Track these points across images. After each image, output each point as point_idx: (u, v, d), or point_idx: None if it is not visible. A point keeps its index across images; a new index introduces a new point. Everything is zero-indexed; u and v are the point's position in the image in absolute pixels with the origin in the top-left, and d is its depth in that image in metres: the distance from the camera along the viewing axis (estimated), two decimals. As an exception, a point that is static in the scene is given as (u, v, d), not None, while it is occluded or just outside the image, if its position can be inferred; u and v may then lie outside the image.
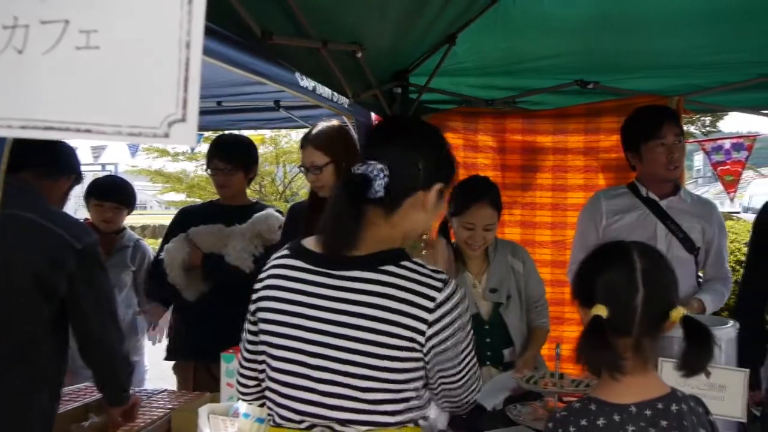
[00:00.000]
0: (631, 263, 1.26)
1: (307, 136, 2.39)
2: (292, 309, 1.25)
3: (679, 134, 2.49)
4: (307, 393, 1.22)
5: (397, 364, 1.18)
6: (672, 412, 1.23)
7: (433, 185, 1.29)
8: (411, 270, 1.22)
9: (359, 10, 2.44)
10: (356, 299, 1.20)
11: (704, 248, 2.54)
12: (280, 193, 16.64)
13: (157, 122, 0.63)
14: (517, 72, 3.47)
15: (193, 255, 2.70)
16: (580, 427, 1.22)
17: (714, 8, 2.78)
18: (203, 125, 4.55)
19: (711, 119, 15.66)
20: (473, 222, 2.36)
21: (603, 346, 1.20)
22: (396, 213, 1.26)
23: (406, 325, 1.18)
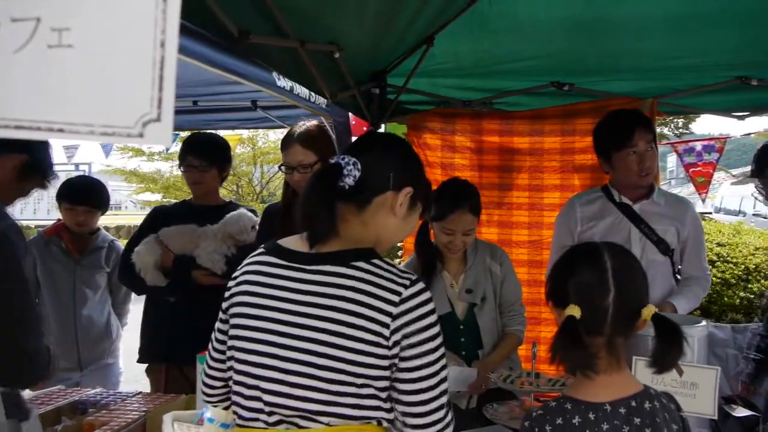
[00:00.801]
0: (602, 264, 1.29)
1: (292, 134, 2.34)
2: (264, 303, 1.28)
3: (651, 140, 2.49)
4: (276, 384, 1.23)
5: (363, 357, 1.19)
6: (645, 410, 1.26)
7: (404, 187, 1.32)
8: (381, 267, 1.25)
9: (337, 10, 2.44)
10: (326, 292, 1.23)
11: (680, 248, 2.57)
12: (257, 194, 16.55)
13: (131, 122, 0.62)
14: (493, 73, 3.49)
15: (163, 256, 2.66)
16: (556, 426, 1.23)
17: (686, 12, 2.83)
18: (179, 125, 4.50)
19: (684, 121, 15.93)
20: (453, 228, 2.38)
21: (577, 345, 1.22)
22: (366, 210, 1.30)
23: (372, 318, 1.20)
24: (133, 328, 3.37)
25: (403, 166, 1.34)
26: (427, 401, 1.21)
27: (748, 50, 3.09)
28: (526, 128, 3.72)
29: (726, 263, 4.89)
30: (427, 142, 3.80)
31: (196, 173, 2.76)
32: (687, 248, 2.58)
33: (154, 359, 2.79)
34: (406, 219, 1.36)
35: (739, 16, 2.83)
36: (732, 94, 3.49)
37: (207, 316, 2.24)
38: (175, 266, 2.65)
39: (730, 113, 3.77)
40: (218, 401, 1.46)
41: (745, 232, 5.78)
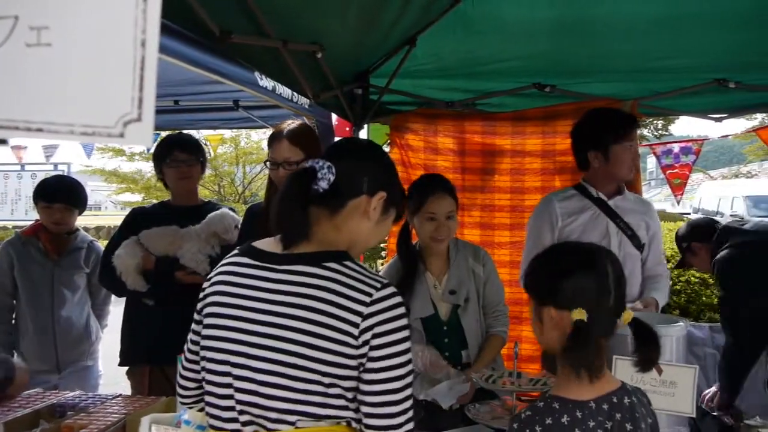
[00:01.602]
0: (605, 268, 1.33)
1: (281, 131, 2.33)
2: (236, 302, 1.29)
3: (633, 139, 2.61)
4: (245, 383, 1.24)
5: (331, 356, 1.20)
6: (625, 405, 1.30)
7: (378, 192, 1.33)
8: (352, 269, 1.26)
9: (319, 10, 2.44)
10: (297, 291, 1.24)
11: (647, 243, 2.64)
12: (240, 194, 16.47)
13: (111, 122, 0.61)
14: (476, 74, 3.51)
15: (144, 259, 2.63)
16: (546, 426, 1.25)
17: (666, 15, 2.87)
18: (160, 124, 4.47)
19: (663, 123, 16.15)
20: (435, 211, 2.37)
21: (588, 347, 1.26)
22: (340, 214, 1.31)
23: (342, 318, 1.20)
24: (114, 330, 3.33)
25: (377, 172, 1.36)
26: (391, 403, 1.21)
27: (725, 53, 3.15)
28: (508, 130, 3.75)
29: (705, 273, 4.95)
30: (409, 143, 3.80)
31: (184, 167, 2.74)
32: (652, 246, 2.67)
33: (136, 361, 2.75)
34: (380, 224, 1.37)
35: (717, 20, 2.87)
36: (710, 96, 3.54)
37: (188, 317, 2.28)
38: (157, 268, 2.63)
39: (707, 115, 3.82)
40: (193, 402, 1.47)
41: (722, 233, 5.85)
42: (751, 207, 13.90)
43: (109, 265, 2.64)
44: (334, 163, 1.29)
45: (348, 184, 1.30)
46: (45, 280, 3.01)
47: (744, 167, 24.52)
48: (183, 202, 2.83)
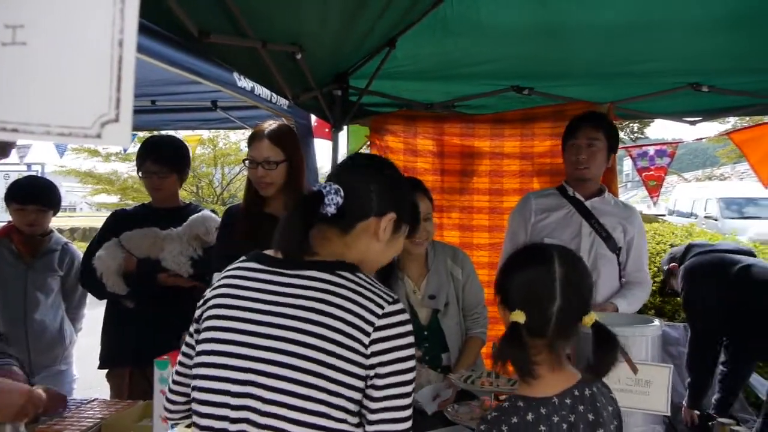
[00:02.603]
0: (551, 272, 1.32)
1: (262, 130, 2.31)
2: (243, 304, 1.26)
3: (594, 138, 2.61)
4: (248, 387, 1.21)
5: (339, 362, 1.17)
6: (587, 396, 1.33)
7: (387, 213, 1.31)
8: (365, 281, 1.25)
9: (298, 11, 2.43)
10: (309, 295, 1.22)
11: (625, 248, 2.66)
12: (218, 196, 16.35)
13: (88, 122, 0.61)
14: (455, 76, 3.53)
15: (126, 261, 2.62)
16: (512, 425, 1.27)
17: (641, 20, 2.91)
18: (137, 125, 4.42)
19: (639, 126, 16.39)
20: None
21: (519, 348, 1.28)
22: (350, 234, 1.30)
23: (354, 324, 1.19)
24: (88, 334, 3.29)
25: (386, 192, 1.32)
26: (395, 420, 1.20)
27: (699, 58, 3.20)
28: (487, 132, 3.77)
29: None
30: (389, 145, 3.81)
31: (156, 179, 2.72)
32: (631, 253, 2.68)
33: (117, 363, 2.73)
34: (390, 243, 1.35)
35: (690, 26, 2.93)
36: (684, 100, 3.60)
37: (171, 319, 2.26)
38: (139, 270, 2.62)
39: (682, 118, 3.89)
40: (180, 418, 1.42)
41: (696, 234, 5.95)
42: (723, 209, 14.16)
43: (90, 267, 2.62)
44: (342, 184, 1.28)
45: (356, 207, 1.29)
46: (18, 282, 2.95)
47: (717, 170, 25.00)
48: (163, 204, 2.82)
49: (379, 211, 1.30)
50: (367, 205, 1.30)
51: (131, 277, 2.62)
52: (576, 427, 1.29)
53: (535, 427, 1.27)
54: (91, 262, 2.62)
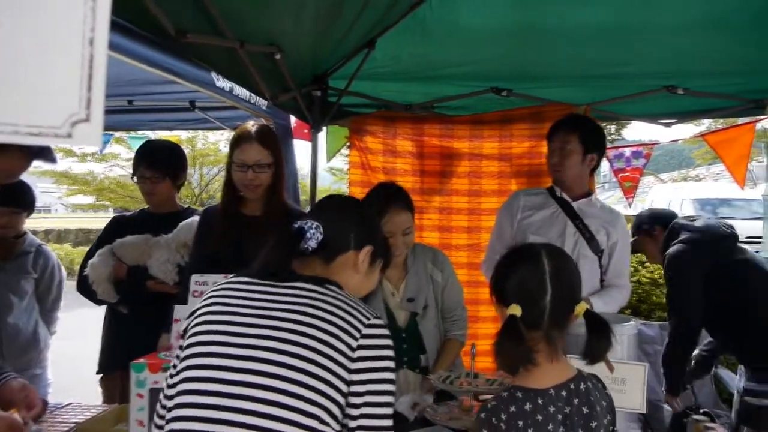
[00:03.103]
0: (541, 266, 1.41)
1: (248, 132, 2.31)
2: (232, 310, 1.30)
3: (566, 141, 2.68)
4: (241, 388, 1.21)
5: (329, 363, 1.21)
6: (582, 391, 1.40)
7: (364, 247, 1.42)
8: (350, 297, 1.34)
9: (277, 11, 2.42)
10: (301, 302, 1.28)
11: (608, 252, 2.69)
12: (196, 197, 16.20)
13: (59, 122, 0.60)
14: (434, 78, 3.54)
15: (117, 268, 2.65)
16: (510, 414, 1.33)
17: (617, 22, 2.94)
18: (113, 125, 4.37)
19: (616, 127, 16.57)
20: (391, 229, 2.32)
21: (518, 341, 1.34)
22: (331, 266, 1.39)
23: (343, 328, 1.25)
24: (62, 337, 3.24)
25: (362, 227, 1.44)
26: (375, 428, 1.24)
27: (674, 61, 3.25)
28: (466, 133, 3.79)
29: (654, 263, 5.09)
30: (369, 146, 3.81)
31: (149, 184, 2.75)
32: (613, 258, 2.72)
33: (111, 368, 2.77)
34: (368, 275, 1.46)
35: (665, 29, 2.97)
36: (660, 102, 3.65)
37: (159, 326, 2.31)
38: (129, 278, 2.64)
39: (657, 120, 3.94)
40: None
41: (672, 234, 6.02)
42: (698, 209, 14.37)
43: (84, 275, 2.66)
44: (322, 221, 1.37)
45: (336, 241, 1.38)
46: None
47: (692, 171, 25.37)
48: (160, 210, 2.84)
49: (357, 244, 1.41)
50: (346, 239, 1.40)
51: (122, 284, 2.65)
52: (570, 419, 1.36)
53: (533, 416, 1.33)
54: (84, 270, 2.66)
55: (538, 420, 1.33)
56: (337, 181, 15.91)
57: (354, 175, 3.83)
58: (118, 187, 14.39)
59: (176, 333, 2.10)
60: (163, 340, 2.20)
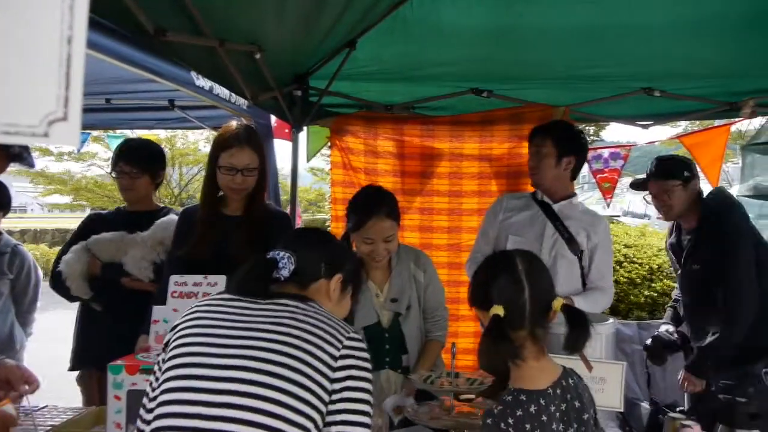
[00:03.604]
0: (515, 266, 1.47)
1: (238, 135, 2.30)
2: (215, 323, 1.32)
3: (540, 145, 2.76)
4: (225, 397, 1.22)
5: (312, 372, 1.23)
6: (571, 386, 1.47)
7: (334, 275, 1.48)
8: (330, 314, 1.38)
9: (257, 10, 2.41)
10: (283, 315, 1.31)
11: (588, 254, 2.73)
12: (176, 197, 16.06)
13: (35, 121, 0.59)
14: (415, 78, 3.55)
15: (91, 265, 2.65)
16: (517, 417, 1.36)
17: (596, 24, 2.98)
18: (91, 123, 4.32)
19: (594, 129, 16.74)
20: (372, 237, 2.32)
21: (503, 339, 1.38)
22: (306, 293, 1.43)
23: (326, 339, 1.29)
24: (38, 339, 3.19)
25: (332, 256, 1.50)
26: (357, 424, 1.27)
27: (650, 63, 3.29)
28: (447, 133, 3.80)
29: (632, 263, 5.17)
30: (350, 146, 3.81)
31: (127, 179, 2.77)
32: (594, 260, 2.75)
33: (84, 365, 2.79)
34: (340, 302, 1.52)
35: (641, 31, 3.01)
36: (637, 104, 3.70)
37: (135, 323, 2.32)
38: (104, 274, 2.64)
39: (635, 122, 3.99)
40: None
41: (649, 234, 6.12)
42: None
43: (57, 271, 2.66)
44: (294, 253, 1.41)
45: (307, 270, 1.44)
46: (-36, 286, 2.85)
47: (669, 172, 25.70)
48: (138, 208, 2.85)
49: (327, 273, 1.47)
50: (317, 268, 1.46)
51: (96, 280, 2.65)
52: (567, 415, 1.42)
53: (538, 418, 1.37)
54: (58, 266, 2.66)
55: (543, 421, 1.37)
56: (318, 181, 15.89)
57: (336, 175, 3.84)
58: (96, 186, 14.20)
59: (155, 334, 2.08)
60: (141, 341, 2.18)
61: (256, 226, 2.34)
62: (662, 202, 2.88)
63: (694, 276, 2.81)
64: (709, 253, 2.73)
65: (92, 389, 2.72)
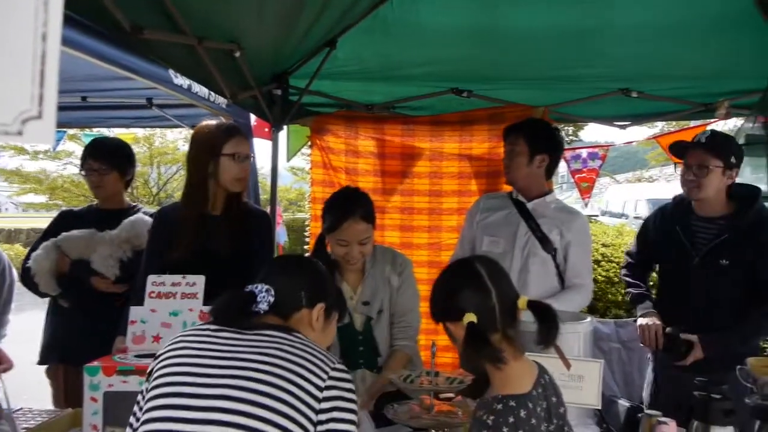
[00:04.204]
0: (477, 271, 1.49)
1: (236, 126, 2.40)
2: (198, 353, 1.30)
3: (513, 144, 2.76)
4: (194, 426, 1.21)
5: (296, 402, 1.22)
6: (548, 382, 1.50)
7: (316, 304, 1.46)
8: (315, 344, 1.36)
9: (236, 7, 2.39)
10: (267, 346, 1.30)
11: (562, 252, 2.74)
12: (154, 196, 15.89)
13: (9, 119, 0.58)
14: (395, 78, 3.55)
15: (60, 262, 2.66)
16: (511, 425, 1.36)
17: (573, 26, 3.01)
18: (66, 121, 4.26)
19: (573, 129, 16.92)
20: (347, 239, 2.30)
21: (485, 344, 1.39)
22: (287, 323, 1.42)
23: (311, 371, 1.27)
24: (13, 340, 3.13)
25: (313, 285, 1.48)
26: None
27: (627, 64, 3.33)
28: (427, 134, 3.82)
29: (610, 262, 5.22)
30: (330, 145, 3.80)
31: (96, 176, 2.76)
32: (569, 258, 2.75)
33: (51, 359, 2.80)
34: (324, 330, 1.49)
35: (619, 33, 3.05)
36: (615, 104, 3.74)
37: (102, 319, 2.37)
38: (72, 272, 2.65)
39: (612, 122, 4.04)
40: None
41: (627, 234, 6.19)
42: (651, 209, 14.74)
43: (26, 267, 2.68)
44: (273, 284, 1.40)
45: (288, 301, 1.42)
46: (-64, 287, 2.79)
47: (646, 172, 26.08)
48: (107, 205, 2.86)
49: (309, 302, 1.45)
50: (298, 297, 1.44)
51: (64, 277, 2.66)
52: (549, 412, 1.45)
53: (528, 422, 1.38)
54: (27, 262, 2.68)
55: (533, 425, 1.38)
56: (298, 181, 15.82)
57: (316, 175, 3.83)
58: (72, 185, 13.99)
59: (132, 335, 2.06)
60: (118, 342, 2.16)
61: (235, 224, 2.33)
62: (695, 177, 2.53)
63: (718, 271, 2.52)
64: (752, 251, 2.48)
65: (59, 383, 2.76)
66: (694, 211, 2.65)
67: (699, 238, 2.58)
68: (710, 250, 2.54)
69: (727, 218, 2.56)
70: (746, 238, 2.49)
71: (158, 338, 2.04)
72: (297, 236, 10.38)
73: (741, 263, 2.48)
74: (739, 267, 2.49)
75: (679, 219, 2.68)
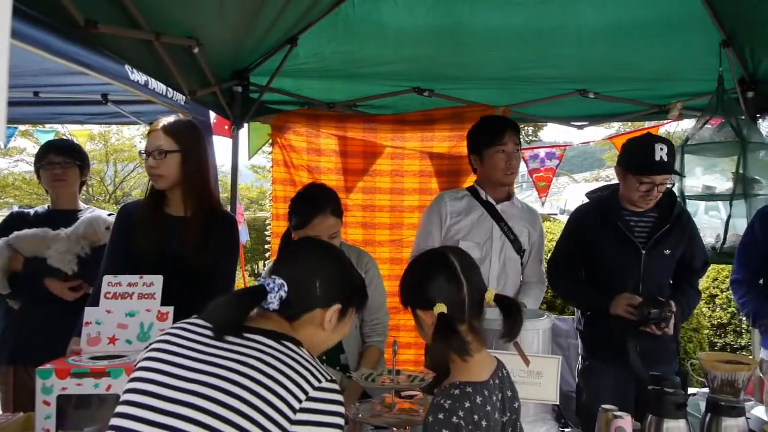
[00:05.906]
0: (452, 263, 1.50)
1: (156, 122, 2.27)
2: (180, 351, 1.22)
3: (518, 144, 2.68)
4: None
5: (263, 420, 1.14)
6: (505, 376, 1.53)
7: (332, 305, 1.33)
8: (307, 357, 1.25)
9: (195, 3, 2.36)
10: (250, 354, 1.20)
11: (529, 251, 2.78)
12: (110, 194, 15.54)
13: (-45, 115, 0.56)
14: (357, 76, 3.55)
15: (13, 260, 2.62)
16: (466, 409, 1.38)
17: (532, 27, 3.06)
18: (17, 117, 4.13)
19: (533, 129, 17.18)
20: (318, 234, 2.28)
21: (454, 334, 1.41)
22: (295, 323, 1.31)
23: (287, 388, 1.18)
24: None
25: (332, 282, 1.35)
26: None
27: (584, 66, 3.41)
28: (388, 132, 3.83)
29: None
30: (292, 144, 3.78)
31: (58, 169, 2.75)
32: (532, 255, 2.79)
33: (0, 361, 2.73)
34: (336, 330, 1.38)
35: (575, 35, 3.11)
36: (573, 105, 3.82)
37: (55, 318, 2.34)
38: (26, 270, 2.62)
39: (570, 123, 4.12)
40: None
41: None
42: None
43: None
44: (286, 276, 1.29)
45: (301, 300, 1.30)
46: None
47: (603, 171, 26.67)
48: (63, 207, 2.83)
49: (325, 303, 1.33)
50: (313, 298, 1.32)
51: (19, 276, 2.63)
52: (503, 404, 1.48)
53: (483, 408, 1.40)
54: None
55: (488, 411, 1.41)
56: (259, 179, 15.68)
57: (277, 173, 3.80)
58: (24, 183, 13.58)
59: (86, 336, 2.01)
60: (73, 343, 2.10)
61: (196, 227, 2.27)
62: (658, 193, 2.58)
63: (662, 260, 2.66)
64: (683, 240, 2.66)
65: (9, 386, 2.69)
66: (623, 207, 2.69)
67: (637, 232, 2.66)
68: (656, 242, 2.63)
69: (656, 212, 2.67)
70: (676, 229, 2.66)
71: (114, 340, 1.99)
72: (258, 235, 10.28)
73: (677, 251, 2.67)
74: (676, 254, 2.67)
75: (615, 216, 2.68)
